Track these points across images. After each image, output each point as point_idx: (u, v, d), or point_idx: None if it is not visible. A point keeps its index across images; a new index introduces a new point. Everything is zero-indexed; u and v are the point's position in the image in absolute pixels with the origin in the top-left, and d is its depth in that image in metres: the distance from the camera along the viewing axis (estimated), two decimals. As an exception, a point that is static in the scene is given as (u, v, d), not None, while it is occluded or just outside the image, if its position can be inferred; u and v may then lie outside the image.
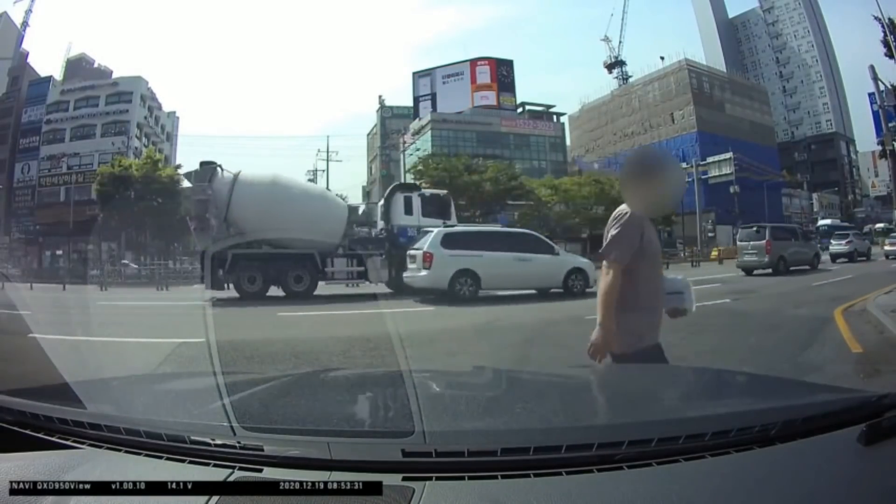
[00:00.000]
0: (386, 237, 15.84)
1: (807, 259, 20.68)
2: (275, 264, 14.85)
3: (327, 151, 51.74)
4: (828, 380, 4.21)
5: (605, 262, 2.50)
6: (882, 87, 27.77)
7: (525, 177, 42.42)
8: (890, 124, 27.98)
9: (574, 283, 13.52)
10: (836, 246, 27.22)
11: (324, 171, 51.99)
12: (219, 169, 15.39)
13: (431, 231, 13.48)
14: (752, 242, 19.76)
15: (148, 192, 36.65)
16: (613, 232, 2.48)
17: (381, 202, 17.35)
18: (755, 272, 18.80)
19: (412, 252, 13.40)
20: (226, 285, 14.37)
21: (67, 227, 42.84)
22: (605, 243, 2.52)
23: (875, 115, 32.45)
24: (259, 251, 14.85)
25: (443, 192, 18.52)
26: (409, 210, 15.97)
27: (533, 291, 13.58)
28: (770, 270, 18.73)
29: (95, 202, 39.48)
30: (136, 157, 43.12)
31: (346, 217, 16.16)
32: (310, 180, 53.92)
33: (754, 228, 20.76)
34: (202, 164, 15.89)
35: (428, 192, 17.50)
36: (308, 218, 14.68)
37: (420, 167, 41.66)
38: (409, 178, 45.46)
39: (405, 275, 13.69)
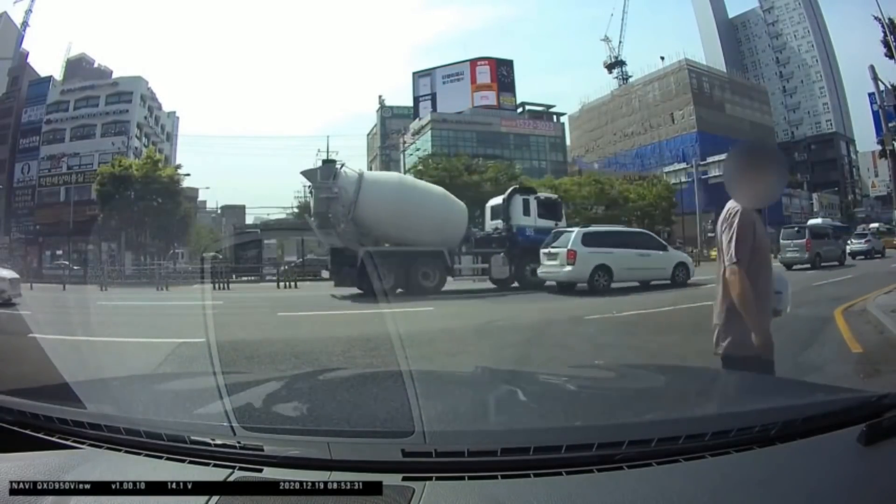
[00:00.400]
0: (506, 236, 16.48)
1: (836, 255, 23.14)
2: (406, 262, 15.08)
3: (327, 151, 51.73)
4: (828, 380, 4.22)
5: (727, 266, 2.42)
6: (882, 87, 27.76)
7: (525, 177, 42.40)
8: (890, 124, 27.97)
9: (679, 274, 15.36)
10: (856, 244, 29.24)
11: (324, 171, 51.91)
12: (341, 168, 15.66)
13: (570, 231, 15.17)
14: (793, 241, 22.08)
15: (148, 192, 36.63)
16: (731, 233, 2.43)
17: (495, 203, 17.92)
18: (794, 267, 20.52)
19: (552, 250, 14.62)
20: (352, 282, 14.66)
21: (67, 227, 42.84)
22: (724, 245, 2.46)
23: (875, 115, 32.47)
24: (392, 249, 15.22)
25: (555, 195, 19.61)
26: (526, 211, 16.79)
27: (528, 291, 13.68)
28: (809, 266, 20.73)
29: (95, 202, 39.47)
30: (136, 157, 43.10)
31: (466, 217, 16.89)
32: (310, 180, 53.89)
33: (795, 229, 23.36)
34: (324, 161, 16.49)
35: (542, 195, 18.28)
36: (434, 218, 15.35)
37: (420, 167, 41.62)
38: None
39: (542, 270, 15.03)
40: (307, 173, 16.55)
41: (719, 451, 1.19)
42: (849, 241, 29.52)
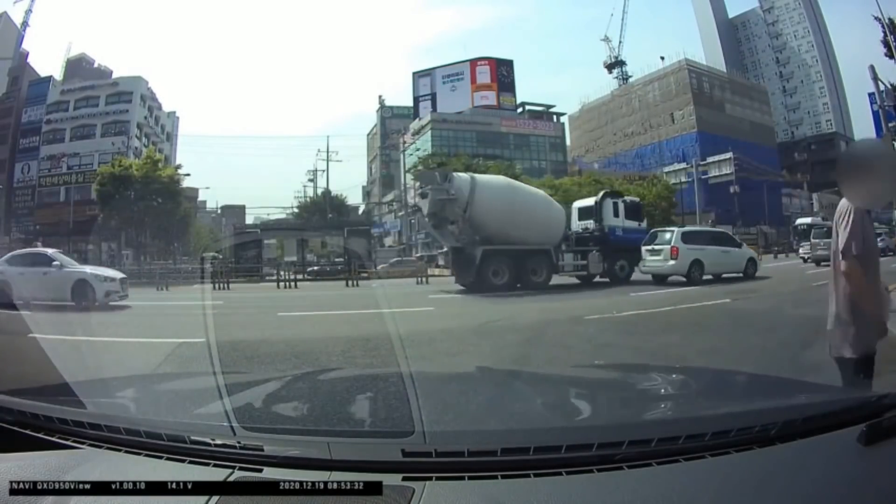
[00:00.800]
0: (599, 235, 17.91)
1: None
2: (518, 259, 16.17)
3: (327, 151, 51.86)
4: (828, 380, 4.21)
5: (845, 262, 2.44)
6: (882, 87, 27.80)
7: (525, 177, 42.38)
8: (890, 124, 28.01)
9: (749, 268, 17.62)
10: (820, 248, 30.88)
11: (324, 171, 52.08)
12: (453, 171, 17.10)
13: (668, 231, 17.73)
14: (823, 240, 24.44)
15: (148, 192, 36.63)
16: (847, 230, 2.45)
17: (584, 205, 19.42)
18: (822, 263, 23.03)
19: (656, 247, 16.73)
20: (473, 279, 15.71)
21: (67, 227, 42.84)
22: (838, 241, 2.48)
23: (875, 115, 32.47)
24: (507, 247, 16.10)
25: (637, 199, 21.65)
26: (616, 213, 18.36)
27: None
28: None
29: (95, 202, 39.46)
30: (136, 157, 43.12)
31: (565, 217, 18.16)
32: (310, 180, 54.16)
33: (825, 229, 25.54)
34: (439, 165, 17.97)
35: (628, 198, 20.23)
36: (538, 217, 16.58)
37: (420, 167, 41.62)
38: (409, 179, 45.55)
39: (645, 265, 16.93)
40: (421, 176, 18.18)
41: (719, 451, 1.19)
42: (808, 243, 30.76)
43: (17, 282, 12.17)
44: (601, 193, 19.22)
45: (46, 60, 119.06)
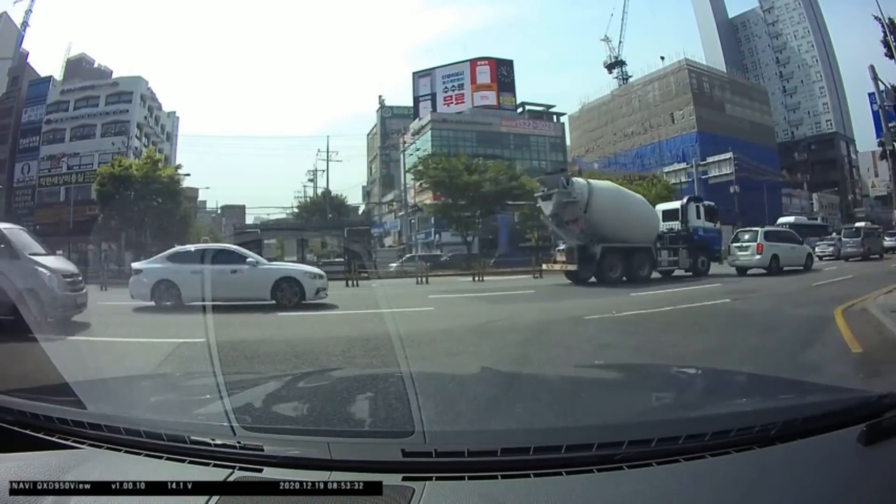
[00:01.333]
0: (685, 235, 20.54)
1: (878, 250, 30.34)
2: (628, 255, 18.17)
3: (327, 151, 51.87)
4: (828, 380, 4.21)
5: None
6: (882, 87, 27.76)
7: (526, 177, 42.34)
8: (890, 124, 27.99)
9: (807, 261, 21.56)
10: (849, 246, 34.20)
11: (324, 171, 52.04)
12: (572, 177, 19.57)
13: (751, 230, 21.30)
14: (852, 239, 29.57)
15: (148, 192, 36.60)
16: None
17: (669, 207, 22.08)
18: (850, 259, 27.68)
19: (744, 244, 20.47)
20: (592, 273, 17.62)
21: (67, 227, 42.82)
22: None
23: (875, 115, 32.40)
24: (621, 245, 18.04)
25: (713, 203, 23.72)
26: (698, 216, 21.15)
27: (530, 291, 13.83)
28: (860, 258, 27.98)
29: (95, 202, 39.44)
30: (136, 157, 43.10)
31: (659, 218, 20.29)
32: (310, 180, 54.21)
33: (854, 229, 30.96)
34: (560, 170, 21.42)
35: (706, 203, 22.65)
36: (639, 218, 18.85)
37: (420, 167, 41.58)
38: (409, 179, 45.51)
39: (735, 259, 20.51)
40: (546, 180, 20.28)
41: (719, 451, 1.19)
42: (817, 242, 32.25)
43: None
44: (686, 198, 22.43)
45: (46, 60, 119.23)
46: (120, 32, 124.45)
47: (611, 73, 76.69)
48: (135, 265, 13.83)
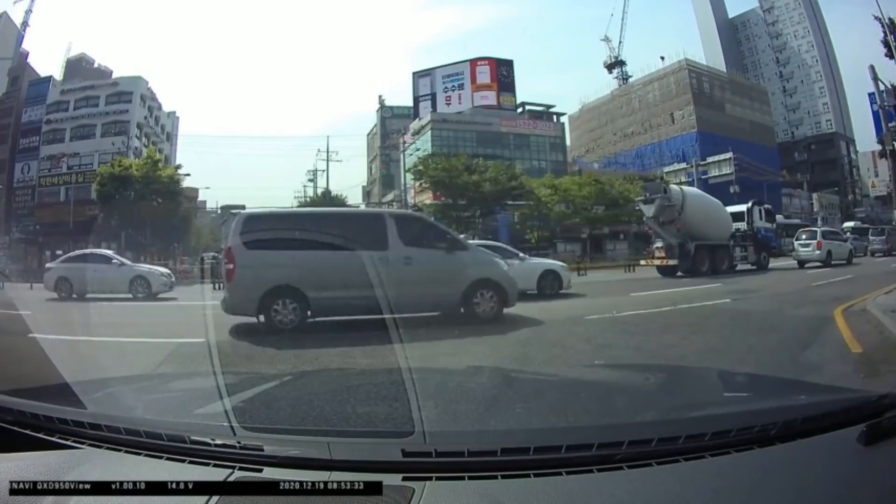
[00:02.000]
0: (751, 234, 23.47)
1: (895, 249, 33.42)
2: (713, 251, 21.02)
3: (327, 151, 51.83)
4: (828, 380, 4.21)
5: None
6: (882, 87, 27.81)
7: (526, 177, 42.35)
8: (890, 124, 28.03)
9: (849, 258, 24.92)
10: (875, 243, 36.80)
11: (324, 171, 52.03)
12: (668, 185, 23.27)
13: (811, 228, 25.51)
14: (878, 237, 33.06)
15: (148, 193, 36.65)
16: None
17: (735, 210, 24.15)
18: (875, 255, 31.00)
19: (805, 241, 24.07)
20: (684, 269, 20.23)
21: (67, 227, 42.80)
22: None
23: (875, 115, 32.48)
24: (709, 242, 21.02)
25: (770, 206, 26.75)
26: (760, 217, 24.27)
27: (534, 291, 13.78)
28: (884, 254, 30.91)
29: (95, 202, 39.46)
30: (136, 157, 43.13)
31: (731, 219, 22.92)
32: (310, 180, 54.19)
33: (879, 229, 34.03)
34: (660, 178, 24.56)
35: (765, 206, 25.70)
36: (718, 219, 22.02)
37: (420, 167, 41.58)
38: (409, 179, 45.51)
39: (798, 254, 24.02)
40: (649, 187, 24.21)
41: (719, 451, 1.19)
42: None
43: None
44: (751, 202, 25.06)
45: (46, 60, 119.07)
46: (120, 32, 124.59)
47: (611, 73, 76.83)
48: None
